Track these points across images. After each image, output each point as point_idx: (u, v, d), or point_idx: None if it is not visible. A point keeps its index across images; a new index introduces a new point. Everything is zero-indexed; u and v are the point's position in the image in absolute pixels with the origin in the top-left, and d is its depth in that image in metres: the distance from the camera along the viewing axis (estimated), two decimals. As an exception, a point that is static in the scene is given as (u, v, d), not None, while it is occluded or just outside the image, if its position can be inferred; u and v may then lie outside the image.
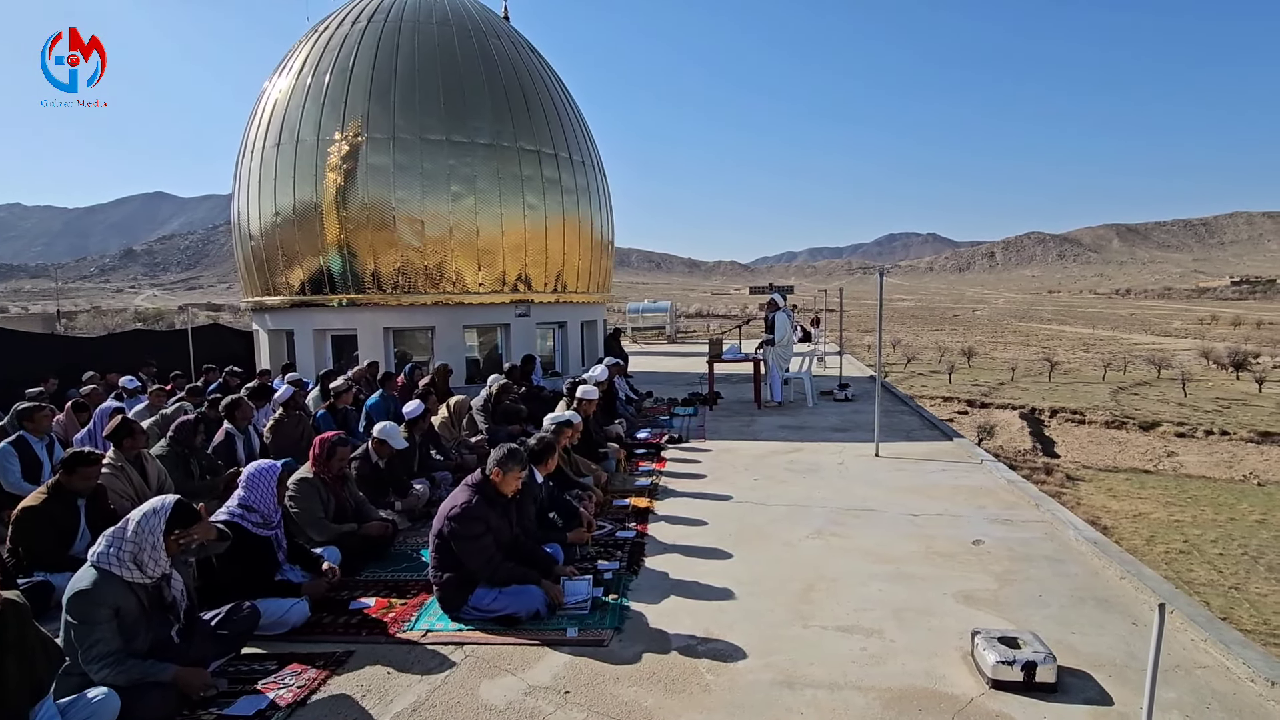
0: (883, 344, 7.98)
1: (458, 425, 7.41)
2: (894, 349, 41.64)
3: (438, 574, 3.76)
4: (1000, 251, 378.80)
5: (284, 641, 3.49)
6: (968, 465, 6.92)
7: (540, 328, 13.26)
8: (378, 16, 12.23)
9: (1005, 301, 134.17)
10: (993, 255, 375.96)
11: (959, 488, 6.09)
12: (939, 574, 4.21)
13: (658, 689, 3.03)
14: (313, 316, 11.79)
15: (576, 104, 14.46)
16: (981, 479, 6.39)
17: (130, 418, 5.13)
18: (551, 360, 13.80)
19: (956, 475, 6.53)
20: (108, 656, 2.73)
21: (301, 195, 11.26)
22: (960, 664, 3.18)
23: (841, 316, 15.86)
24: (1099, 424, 24.37)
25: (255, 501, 3.74)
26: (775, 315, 10.46)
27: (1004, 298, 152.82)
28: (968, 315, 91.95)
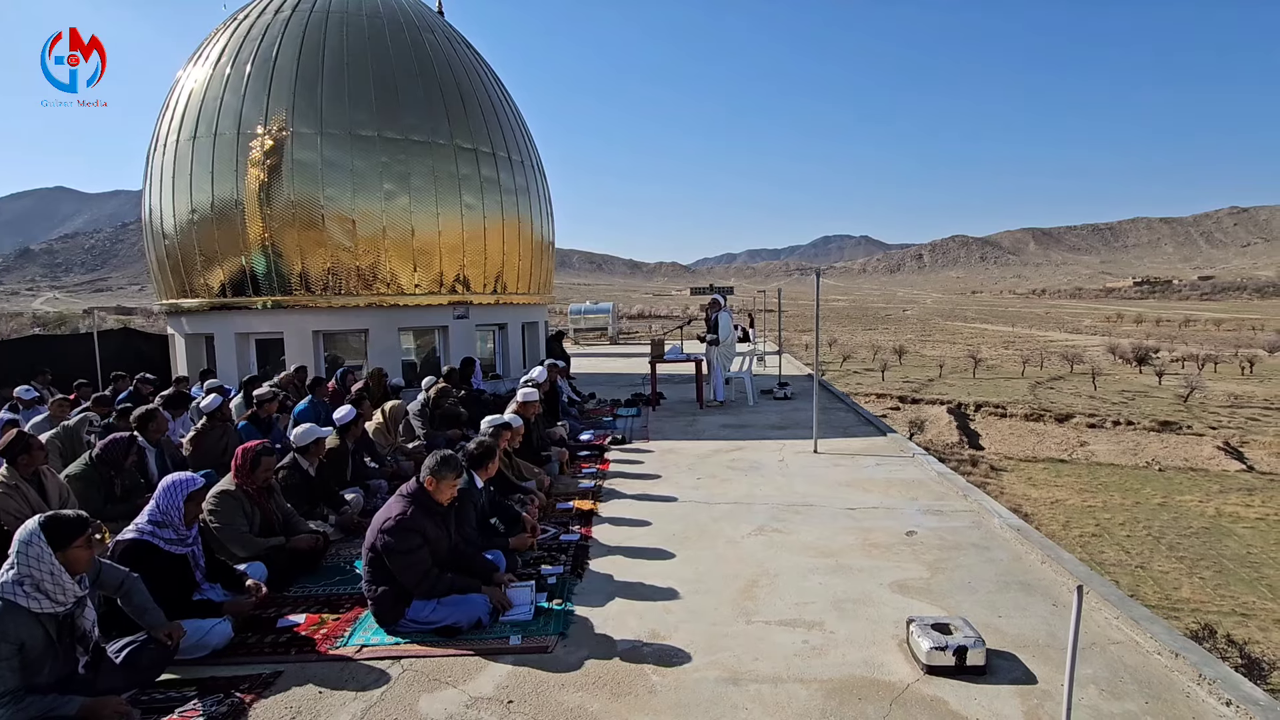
0: (820, 343, 8.19)
1: (394, 431, 7.16)
2: (830, 348, 42.94)
3: (372, 588, 3.61)
4: (928, 254, 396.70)
5: (205, 665, 3.27)
6: (901, 459, 7.18)
7: (480, 330, 13.01)
8: (303, 6, 11.71)
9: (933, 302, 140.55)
10: (921, 257, 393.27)
11: (893, 481, 6.30)
12: (875, 565, 4.34)
13: (603, 693, 3.00)
14: (234, 320, 11.18)
15: (514, 102, 14.25)
16: (914, 472, 6.64)
17: (26, 431, 4.71)
18: (492, 363, 13.56)
19: (890, 469, 6.76)
20: (4, 696, 2.49)
21: (221, 192, 10.66)
22: (897, 651, 3.28)
23: (780, 316, 16.21)
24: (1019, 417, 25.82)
25: (167, 517, 3.50)
26: (718, 315, 10.59)
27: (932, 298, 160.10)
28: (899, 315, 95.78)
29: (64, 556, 2.70)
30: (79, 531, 2.75)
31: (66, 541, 2.71)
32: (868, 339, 52.80)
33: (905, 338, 53.42)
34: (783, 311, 16.03)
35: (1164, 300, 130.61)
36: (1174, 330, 58.95)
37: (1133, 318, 75.96)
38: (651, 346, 11.23)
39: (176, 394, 6.97)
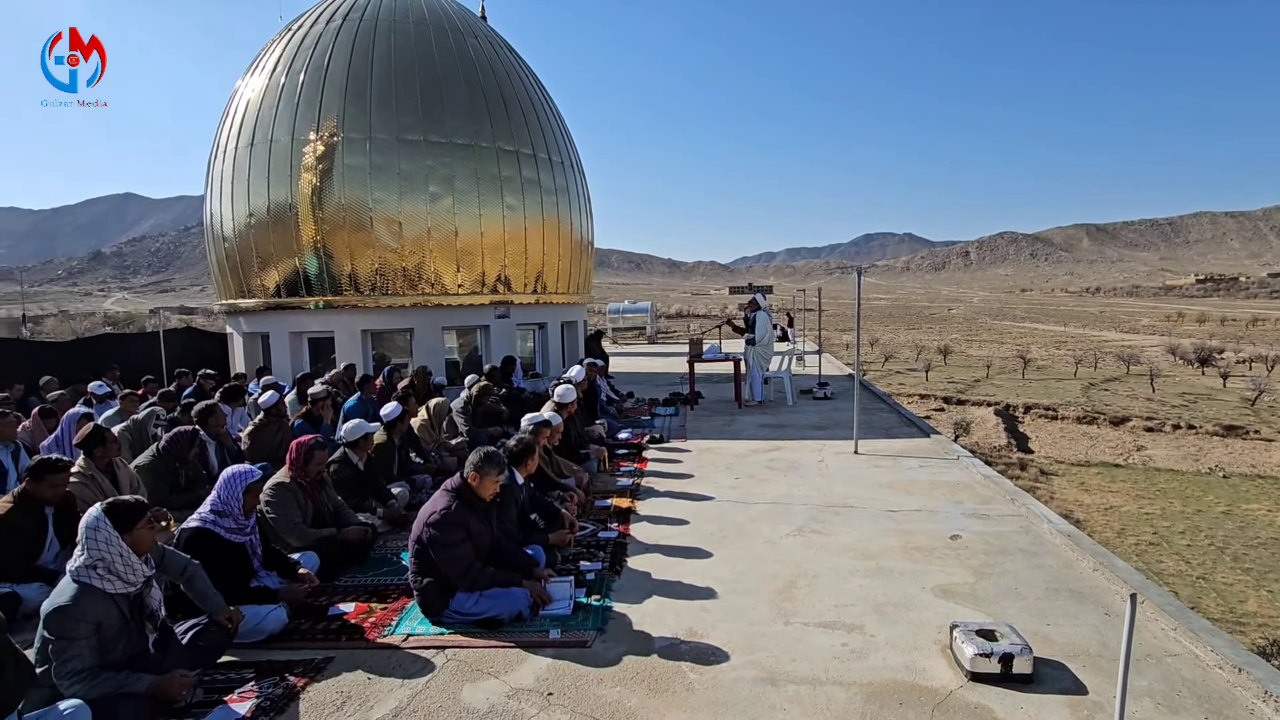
0: (861, 343, 8.08)
1: (438, 428, 7.34)
2: (872, 347, 42.13)
3: (417, 579, 3.72)
4: (975, 251, 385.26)
5: (261, 649, 3.44)
6: (945, 461, 7.02)
7: (520, 329, 13.21)
8: (352, 15, 12.08)
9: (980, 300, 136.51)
10: (967, 255, 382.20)
11: (936, 483, 6.18)
12: (917, 568, 4.27)
13: (641, 689, 3.03)
14: (289, 319, 11.61)
15: (555, 104, 14.41)
16: (958, 474, 6.49)
17: (101, 425, 5.00)
18: (532, 361, 13.74)
19: (934, 471, 6.62)
20: (81, 673, 2.66)
21: (276, 196, 11.09)
22: (939, 657, 3.23)
23: (820, 316, 16.00)
24: (1071, 419, 24.91)
25: (227, 507, 3.68)
26: (756, 314, 10.52)
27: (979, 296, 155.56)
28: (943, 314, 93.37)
29: (130, 538, 2.87)
30: (139, 514, 2.92)
31: (130, 524, 2.88)
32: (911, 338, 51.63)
33: (950, 337, 52.05)
34: (823, 311, 15.83)
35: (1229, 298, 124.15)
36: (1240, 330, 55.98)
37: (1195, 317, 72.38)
38: (690, 346, 11.23)
39: (233, 388, 7.28)
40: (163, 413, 6.75)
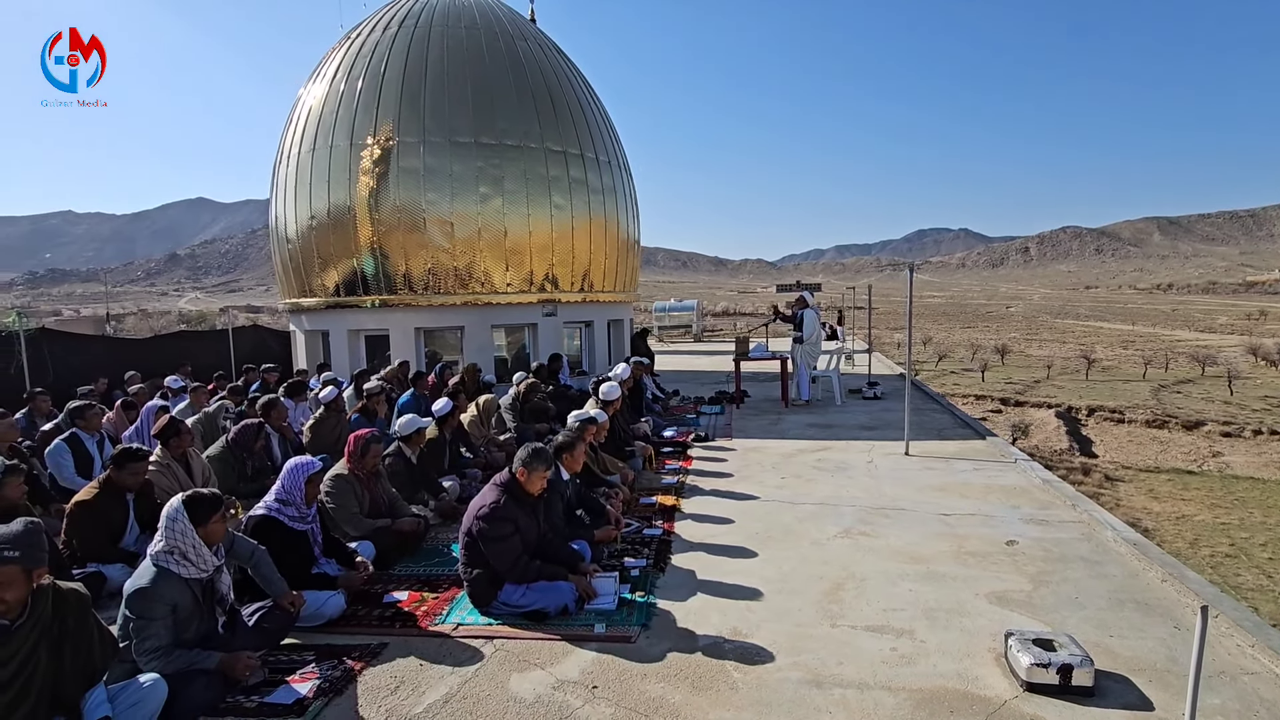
0: (913, 341, 7.87)
1: (487, 424, 7.51)
2: (924, 347, 40.97)
3: (468, 570, 3.83)
4: (1035, 247, 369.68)
5: (320, 633, 3.59)
6: (1001, 464, 6.79)
7: (567, 327, 13.37)
8: (408, 22, 12.44)
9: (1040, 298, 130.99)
10: (1027, 250, 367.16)
11: (992, 487, 5.98)
12: (971, 574, 4.15)
13: (685, 686, 3.05)
14: (347, 317, 12.06)
15: (602, 104, 14.52)
16: (1015, 478, 6.27)
17: (177, 417, 5.31)
18: (578, 359, 13.89)
19: (989, 474, 6.41)
20: (158, 650, 2.85)
21: (336, 199, 11.52)
22: (993, 666, 3.14)
23: (870, 314, 15.65)
24: (1139, 423, 23.69)
25: (290, 496, 3.86)
26: (804, 313, 10.38)
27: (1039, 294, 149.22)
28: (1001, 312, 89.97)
29: (204, 531, 3.05)
30: (215, 509, 3.10)
31: (205, 517, 3.06)
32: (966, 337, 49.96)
33: (1008, 336, 50.13)
34: (873, 309, 15.49)
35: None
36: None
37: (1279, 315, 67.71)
38: (736, 344, 11.16)
39: (296, 383, 7.60)
40: (231, 406, 7.12)
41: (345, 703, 2.99)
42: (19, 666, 2.38)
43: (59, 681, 2.48)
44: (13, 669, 2.36)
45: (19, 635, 2.38)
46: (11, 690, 2.35)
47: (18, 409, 7.09)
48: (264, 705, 2.93)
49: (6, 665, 2.35)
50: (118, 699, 2.65)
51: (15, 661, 2.37)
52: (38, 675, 2.42)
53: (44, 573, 2.49)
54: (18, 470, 3.79)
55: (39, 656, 2.43)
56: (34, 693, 2.41)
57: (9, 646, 2.35)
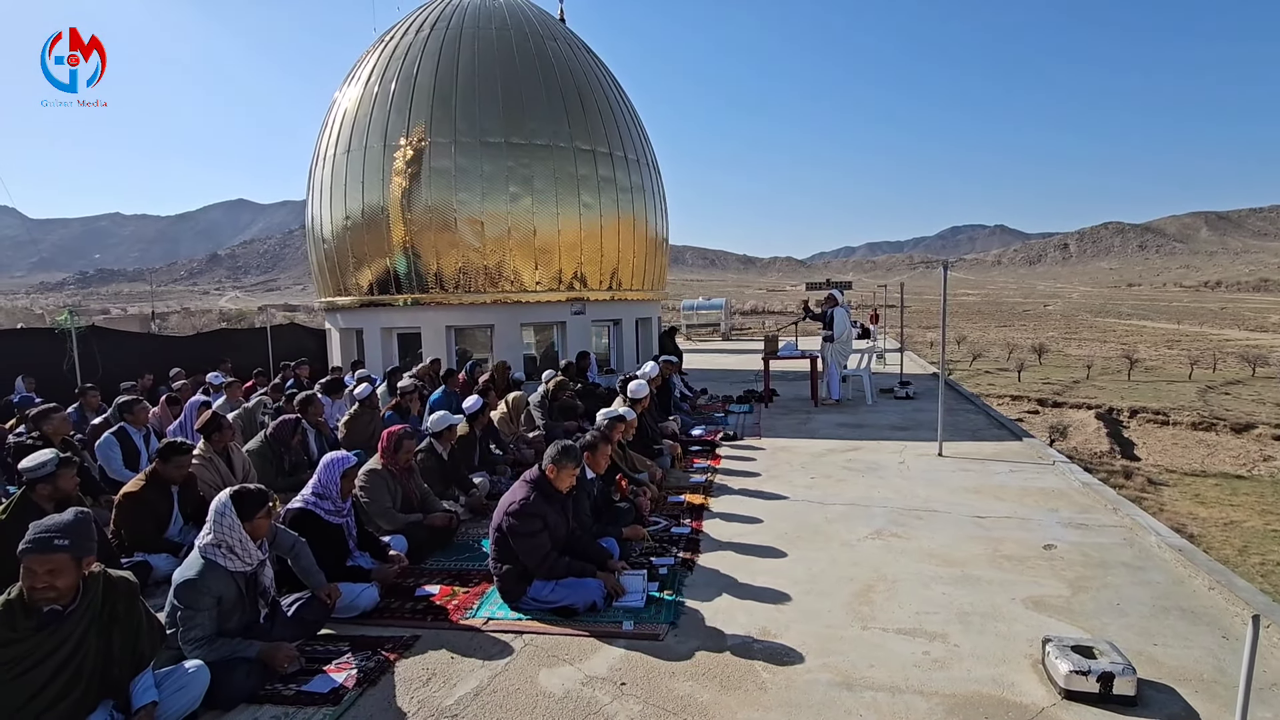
0: (947, 340, 7.72)
1: (516, 420, 7.58)
2: (959, 346, 40.15)
3: (498, 565, 3.87)
4: (1075, 243, 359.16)
5: (355, 624, 3.67)
6: (1038, 466, 6.63)
7: (596, 325, 13.42)
8: (440, 24, 12.61)
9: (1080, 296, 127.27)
10: (1066, 247, 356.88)
11: (1028, 489, 5.84)
12: (1007, 578, 4.06)
13: (713, 685, 3.04)
14: (380, 315, 12.28)
15: (631, 102, 14.53)
16: (1053, 481, 6.11)
17: (219, 412, 5.47)
18: (607, 357, 13.94)
19: (1026, 476, 6.26)
20: (202, 640, 2.95)
21: (370, 199, 11.74)
22: (1030, 672, 3.06)
23: (902, 312, 15.40)
24: (1185, 425, 22.88)
25: (326, 490, 3.95)
26: (834, 311, 10.27)
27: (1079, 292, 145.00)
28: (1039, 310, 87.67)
29: (250, 526, 3.15)
30: (261, 505, 3.20)
31: (251, 513, 3.15)
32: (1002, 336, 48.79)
33: (1046, 335, 48.81)
34: (905, 307, 15.24)
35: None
36: (1396, 329, 49.64)
37: (1339, 314, 64.67)
38: (765, 343, 11.09)
39: (334, 381, 7.77)
40: (269, 402, 7.31)
41: (379, 693, 3.05)
42: (71, 651, 2.48)
43: (108, 665, 2.58)
44: (65, 653, 2.46)
45: (71, 621, 2.48)
46: (65, 673, 2.45)
47: (69, 404, 7.37)
48: (302, 693, 3.00)
49: (59, 649, 2.45)
50: (164, 684, 2.75)
51: (68, 646, 2.47)
52: (89, 659, 2.52)
53: (93, 561, 2.59)
54: (71, 463, 3.94)
55: (90, 641, 2.53)
56: (85, 676, 2.51)
57: (61, 631, 2.45)
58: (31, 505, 3.75)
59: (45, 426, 5.42)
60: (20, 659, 2.37)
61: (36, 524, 2.50)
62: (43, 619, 2.43)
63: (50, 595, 2.42)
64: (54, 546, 2.41)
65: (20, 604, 2.42)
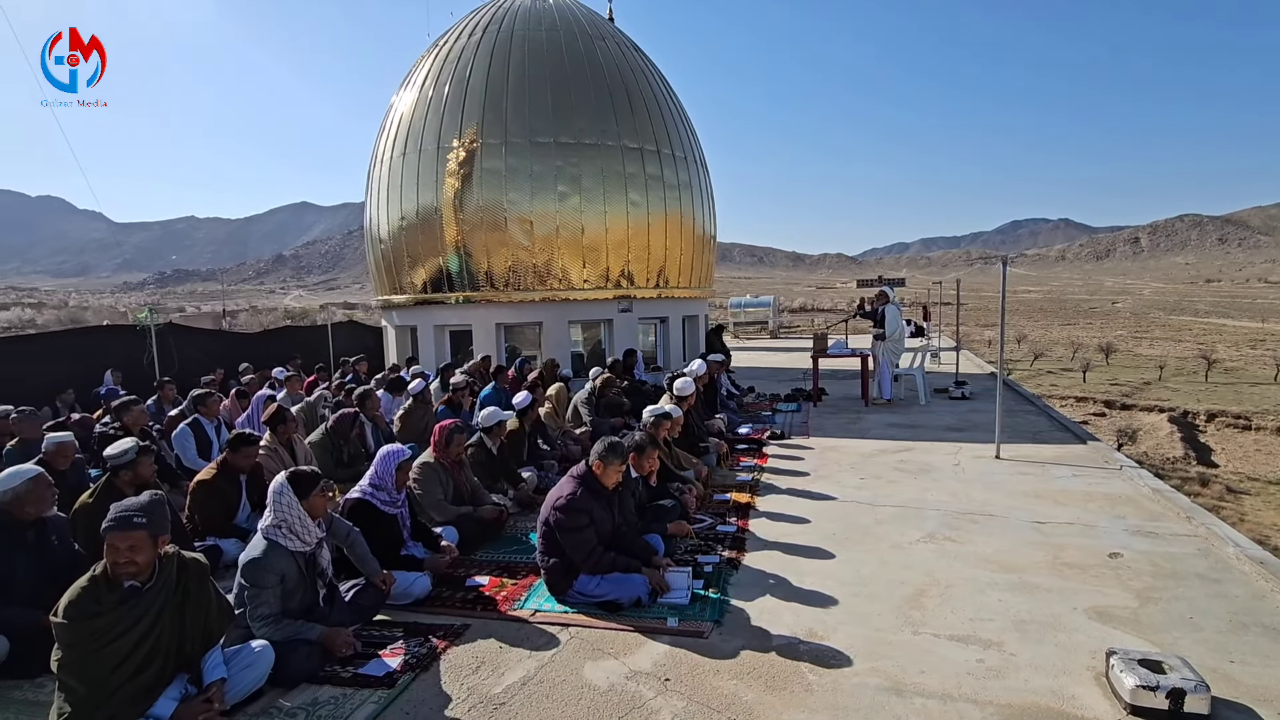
0: (1006, 339, 7.45)
1: (561, 414, 7.68)
2: (1019, 345, 38.58)
3: (545, 559, 3.93)
4: (1146, 237, 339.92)
5: (408, 611, 3.80)
6: (1104, 471, 6.33)
7: (642, 323, 13.46)
8: (491, 27, 12.85)
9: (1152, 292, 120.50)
10: (1137, 241, 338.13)
11: (1093, 495, 5.59)
12: (1068, 587, 3.89)
13: (758, 684, 3.02)
14: (433, 313, 12.62)
15: (679, 100, 14.50)
16: (1121, 486, 5.82)
17: (283, 405, 5.74)
18: (653, 355, 13.97)
19: (1091, 481, 5.99)
20: (268, 617, 3.10)
21: (424, 200, 12.07)
22: (1092, 685, 2.94)
23: (958, 309, 14.90)
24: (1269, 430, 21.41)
25: (382, 482, 4.10)
26: (885, 308, 10.03)
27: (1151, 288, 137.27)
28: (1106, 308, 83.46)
29: (307, 504, 3.30)
30: (315, 483, 3.35)
31: (307, 491, 3.31)
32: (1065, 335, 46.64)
33: (1114, 334, 46.42)
34: (961, 304, 14.74)
35: None
36: None
37: None
38: (814, 340, 10.91)
39: (396, 379, 8.03)
40: (329, 396, 7.60)
41: (431, 678, 3.14)
42: (149, 625, 2.64)
43: (182, 641, 2.74)
44: (144, 626, 2.63)
45: (148, 597, 2.65)
46: (145, 646, 2.62)
47: (148, 396, 7.85)
48: (358, 676, 3.13)
49: (138, 623, 2.62)
50: (232, 661, 2.90)
51: (146, 620, 2.63)
52: (165, 634, 2.69)
53: (167, 540, 2.76)
54: (149, 451, 4.20)
55: (165, 617, 2.69)
56: (162, 651, 2.68)
57: (140, 606, 2.62)
58: (114, 490, 4.01)
59: (125, 417, 5.79)
60: (105, 631, 2.54)
61: (117, 505, 2.68)
62: (123, 594, 2.60)
63: (130, 570, 2.59)
64: (133, 524, 2.58)
65: (104, 579, 2.60)
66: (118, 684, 2.54)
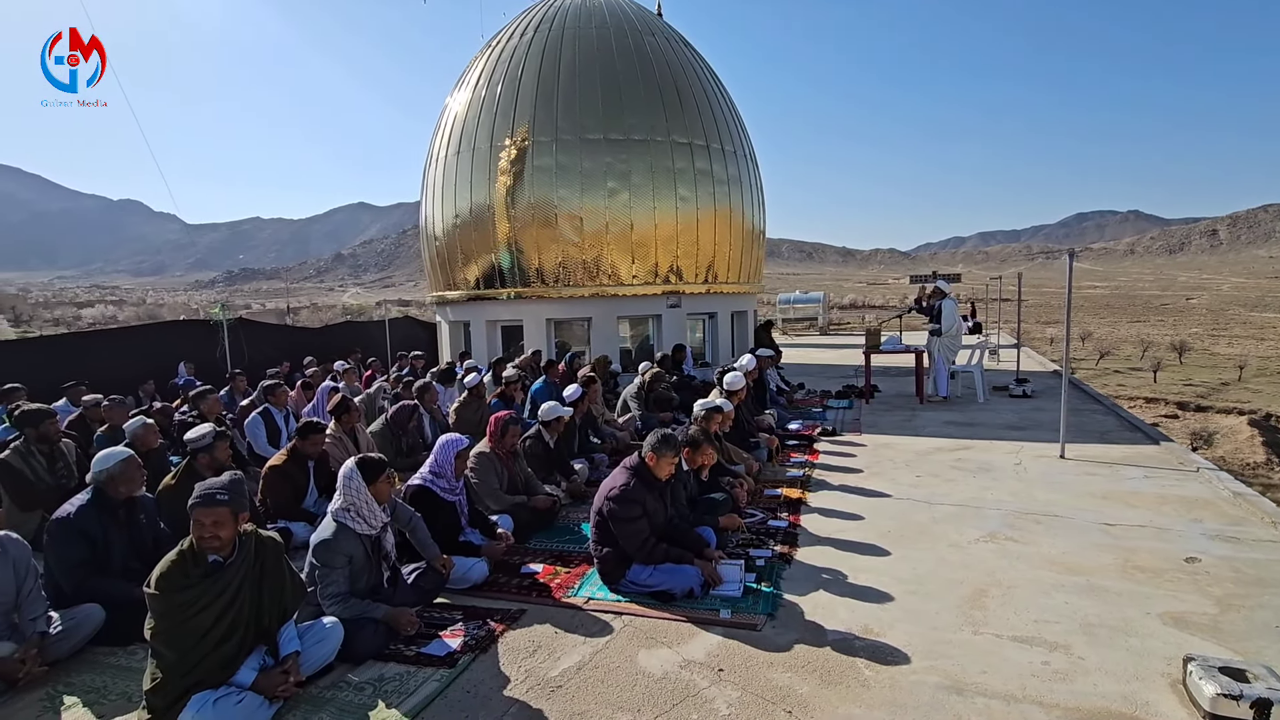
0: (1071, 335, 7.15)
1: (600, 400, 7.72)
2: (1082, 343, 36.88)
3: (598, 548, 3.99)
4: (1225, 228, 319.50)
5: (466, 595, 3.92)
6: (1179, 473, 6.01)
7: (691, 318, 13.43)
8: (543, 26, 13.02)
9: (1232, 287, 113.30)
10: (1214, 234, 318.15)
11: (1167, 497, 5.32)
12: (1140, 591, 3.73)
13: (813, 678, 3.00)
14: (485, 309, 12.89)
15: (729, 94, 14.39)
16: (1197, 489, 5.53)
17: (348, 396, 5.98)
18: (701, 351, 13.93)
19: (1164, 483, 5.70)
20: (338, 596, 3.25)
21: (477, 198, 12.33)
22: (1167, 692, 2.81)
23: (1020, 306, 14.33)
24: (1367, 436, 19.87)
25: (442, 470, 4.23)
26: (942, 303, 9.75)
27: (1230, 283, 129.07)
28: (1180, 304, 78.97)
29: (373, 489, 3.44)
30: (381, 470, 3.50)
31: (374, 476, 3.45)
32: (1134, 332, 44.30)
33: (1188, 331, 43.83)
34: (1023, 300, 14.20)
35: None
36: None
37: None
38: (866, 336, 10.69)
39: (447, 370, 8.27)
40: (388, 388, 7.87)
41: (489, 660, 3.24)
42: (231, 598, 2.81)
43: (260, 614, 2.90)
44: (226, 600, 2.79)
45: (230, 571, 2.81)
46: (227, 618, 2.78)
47: (220, 387, 8.28)
48: (421, 655, 3.25)
49: (221, 596, 2.78)
50: (305, 636, 3.06)
51: (228, 594, 2.80)
52: (245, 607, 2.85)
53: (247, 517, 2.93)
54: (225, 436, 4.45)
55: (245, 591, 2.85)
56: (242, 623, 2.84)
57: (222, 580, 2.79)
58: (194, 472, 4.26)
59: (203, 405, 6.14)
60: (192, 603, 2.71)
61: (201, 484, 2.86)
62: (208, 568, 2.77)
63: (215, 545, 2.76)
64: (217, 501, 2.75)
65: (192, 554, 2.78)
66: (204, 652, 2.71)
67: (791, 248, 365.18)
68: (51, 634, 3.24)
